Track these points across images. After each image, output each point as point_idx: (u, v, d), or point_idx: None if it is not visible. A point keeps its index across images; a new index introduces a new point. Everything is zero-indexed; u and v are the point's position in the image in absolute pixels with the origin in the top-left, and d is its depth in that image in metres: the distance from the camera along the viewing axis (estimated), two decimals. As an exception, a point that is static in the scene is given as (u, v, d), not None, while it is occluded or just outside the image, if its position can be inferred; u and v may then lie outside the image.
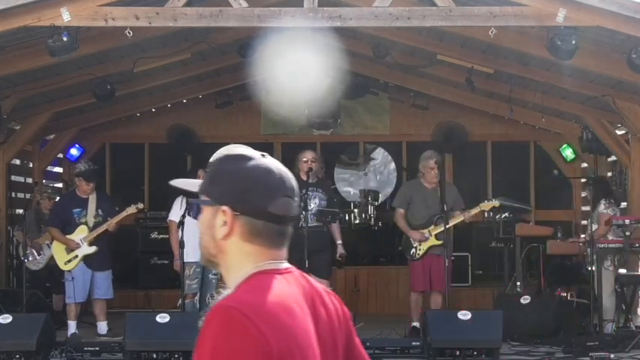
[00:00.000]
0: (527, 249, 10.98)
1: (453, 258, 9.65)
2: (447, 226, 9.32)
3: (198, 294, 9.47)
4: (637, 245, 9.35)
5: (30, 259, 10.58)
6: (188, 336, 7.91)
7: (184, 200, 9.47)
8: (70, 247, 9.60)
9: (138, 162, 14.36)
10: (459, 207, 9.72)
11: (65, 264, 9.63)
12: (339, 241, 9.46)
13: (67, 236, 9.67)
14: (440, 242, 9.52)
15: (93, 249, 9.59)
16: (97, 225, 9.65)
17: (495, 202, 9.82)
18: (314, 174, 9.28)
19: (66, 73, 10.72)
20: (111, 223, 9.60)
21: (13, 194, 12.47)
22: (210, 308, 2.16)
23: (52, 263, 10.24)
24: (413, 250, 9.65)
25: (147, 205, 13.60)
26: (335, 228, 9.46)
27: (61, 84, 11.07)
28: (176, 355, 7.96)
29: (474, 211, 9.71)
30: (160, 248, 12.45)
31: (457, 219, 9.61)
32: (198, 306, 9.46)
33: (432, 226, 9.60)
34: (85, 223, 9.67)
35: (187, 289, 9.33)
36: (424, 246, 9.59)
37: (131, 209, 9.62)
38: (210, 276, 9.55)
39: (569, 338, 8.73)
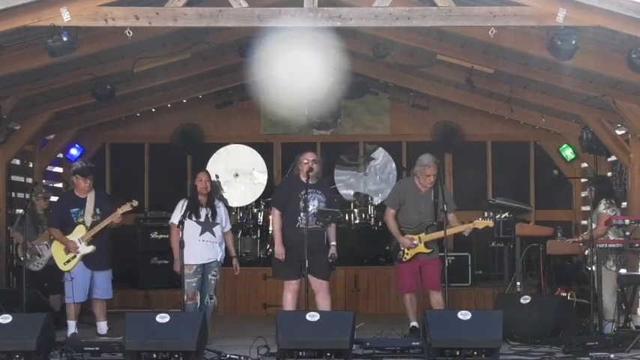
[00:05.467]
0: (527, 249, 10.97)
1: (449, 258, 9.57)
2: (446, 234, 9.21)
3: (199, 294, 9.46)
4: (637, 245, 9.34)
5: (29, 258, 10.60)
6: (188, 336, 7.97)
7: (186, 203, 9.49)
8: (71, 249, 9.59)
9: (138, 162, 14.38)
10: (451, 209, 9.50)
11: (64, 264, 9.61)
12: (333, 242, 9.41)
13: (66, 237, 9.66)
14: (429, 251, 9.49)
15: (91, 248, 9.58)
16: (94, 224, 9.64)
17: (490, 222, 9.72)
18: (314, 175, 9.26)
19: (66, 73, 10.72)
20: (106, 222, 9.57)
21: (13, 194, 12.48)
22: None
23: (50, 263, 10.23)
24: (400, 253, 9.62)
25: (147, 205, 13.63)
26: (331, 229, 9.42)
27: (61, 84, 11.07)
28: (176, 355, 7.94)
29: (466, 227, 9.59)
30: (160, 248, 12.46)
31: (451, 231, 9.52)
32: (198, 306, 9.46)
33: (423, 234, 9.54)
34: (83, 223, 9.66)
35: (187, 287, 9.33)
36: (411, 252, 9.56)
37: (125, 207, 9.61)
38: (210, 277, 9.54)
39: (569, 338, 8.72)
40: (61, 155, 13.77)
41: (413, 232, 9.57)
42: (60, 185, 13.91)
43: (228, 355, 8.32)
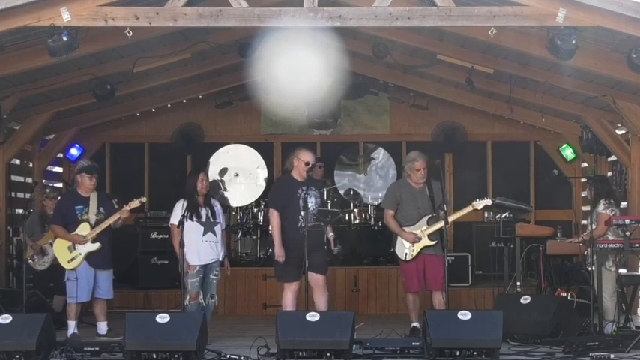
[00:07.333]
0: (527, 249, 10.97)
1: (449, 258, 9.59)
2: (447, 224, 9.27)
3: (201, 294, 9.47)
4: (637, 245, 9.34)
5: (36, 259, 10.60)
6: (188, 336, 7.97)
7: (185, 203, 9.49)
8: (76, 242, 9.56)
9: (138, 162, 14.38)
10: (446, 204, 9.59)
11: (68, 262, 9.59)
12: (331, 233, 9.42)
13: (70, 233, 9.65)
14: (433, 243, 9.50)
15: (97, 245, 9.57)
16: (98, 222, 9.64)
17: (488, 201, 9.73)
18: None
19: (66, 73, 10.72)
20: (117, 219, 9.57)
21: (13, 194, 12.48)
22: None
23: (56, 262, 10.21)
24: (406, 251, 9.61)
25: (147, 205, 13.61)
26: (329, 228, 9.45)
27: (61, 84, 11.08)
28: (176, 355, 7.95)
29: (466, 210, 9.64)
30: (160, 248, 12.46)
31: (452, 217, 9.60)
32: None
33: (425, 227, 9.56)
34: (87, 221, 9.66)
35: (190, 287, 9.35)
36: (417, 247, 9.56)
37: (134, 203, 9.62)
38: (211, 276, 9.54)
39: (569, 338, 8.72)
40: (61, 155, 13.78)
41: (414, 229, 9.58)
42: (60, 185, 13.91)
43: (228, 355, 8.32)
